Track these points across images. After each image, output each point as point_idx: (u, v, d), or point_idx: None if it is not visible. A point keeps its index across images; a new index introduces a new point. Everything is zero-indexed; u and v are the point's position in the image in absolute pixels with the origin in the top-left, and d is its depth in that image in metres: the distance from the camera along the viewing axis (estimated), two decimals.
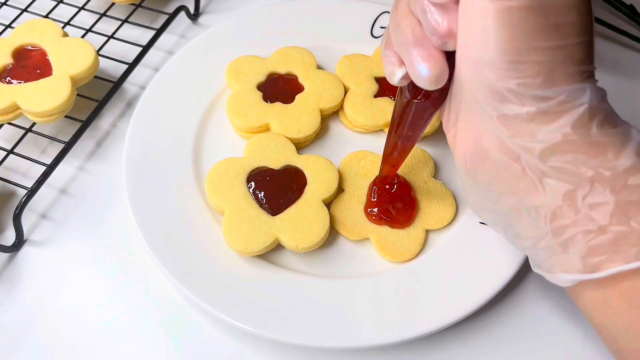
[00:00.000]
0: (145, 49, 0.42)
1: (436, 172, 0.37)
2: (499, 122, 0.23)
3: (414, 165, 0.36)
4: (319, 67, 0.41)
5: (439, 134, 0.39)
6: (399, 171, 0.35)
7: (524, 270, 0.35)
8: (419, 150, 0.37)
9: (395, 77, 0.26)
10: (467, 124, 0.25)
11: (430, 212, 0.35)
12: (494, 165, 0.24)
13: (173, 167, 0.37)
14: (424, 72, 0.24)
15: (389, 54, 0.27)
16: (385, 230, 0.34)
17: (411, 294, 0.32)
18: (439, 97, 0.27)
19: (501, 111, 0.23)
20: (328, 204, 0.35)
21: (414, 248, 0.33)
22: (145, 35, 0.45)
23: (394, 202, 0.34)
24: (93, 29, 0.44)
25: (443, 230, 0.35)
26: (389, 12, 0.44)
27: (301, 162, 0.36)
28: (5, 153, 0.37)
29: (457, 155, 0.26)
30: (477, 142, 0.24)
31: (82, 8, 0.45)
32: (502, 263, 0.32)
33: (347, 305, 0.32)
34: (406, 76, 0.26)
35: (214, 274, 0.32)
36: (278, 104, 0.38)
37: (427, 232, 0.35)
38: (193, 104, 0.40)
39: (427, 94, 0.27)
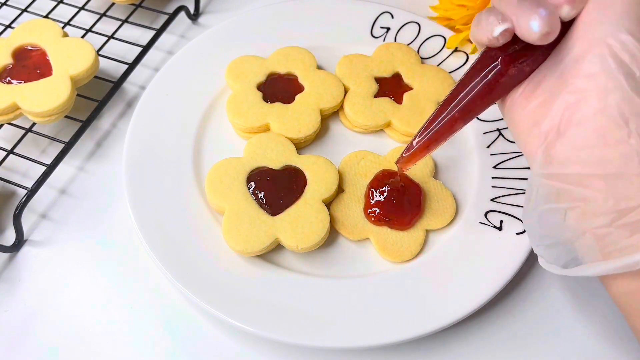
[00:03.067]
0: (145, 49, 0.42)
1: (436, 172, 0.37)
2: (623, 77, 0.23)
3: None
4: (319, 67, 0.41)
5: None
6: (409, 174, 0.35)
7: (524, 270, 0.35)
8: None
9: (496, 30, 0.25)
10: (560, 89, 0.24)
11: (430, 212, 0.35)
12: (588, 132, 0.24)
13: (173, 167, 0.37)
14: (535, 27, 0.23)
15: (490, 12, 0.26)
16: (385, 230, 0.34)
17: (411, 294, 0.32)
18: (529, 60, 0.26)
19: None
20: (328, 204, 0.35)
21: (414, 248, 0.34)
22: (145, 36, 0.45)
23: (397, 206, 0.34)
24: (93, 29, 0.44)
25: (443, 230, 0.35)
26: (389, 12, 0.44)
27: (301, 162, 0.36)
28: (5, 153, 0.37)
29: (542, 125, 0.25)
30: (572, 107, 0.24)
31: (82, 8, 0.45)
32: (502, 263, 0.32)
33: (347, 305, 0.32)
34: (507, 32, 0.25)
35: (214, 274, 0.32)
36: (278, 104, 0.38)
37: (427, 232, 0.35)
38: (193, 104, 0.40)
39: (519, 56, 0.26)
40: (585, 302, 0.34)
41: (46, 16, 0.45)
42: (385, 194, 0.34)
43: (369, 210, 0.34)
